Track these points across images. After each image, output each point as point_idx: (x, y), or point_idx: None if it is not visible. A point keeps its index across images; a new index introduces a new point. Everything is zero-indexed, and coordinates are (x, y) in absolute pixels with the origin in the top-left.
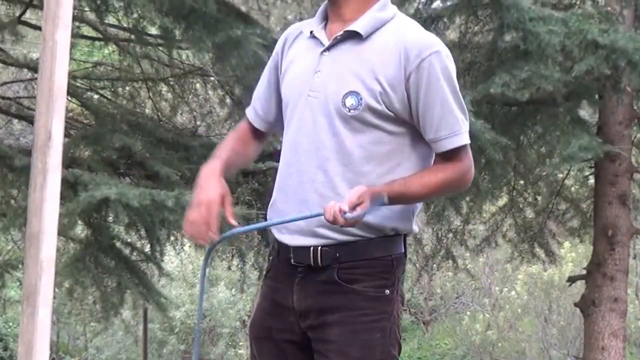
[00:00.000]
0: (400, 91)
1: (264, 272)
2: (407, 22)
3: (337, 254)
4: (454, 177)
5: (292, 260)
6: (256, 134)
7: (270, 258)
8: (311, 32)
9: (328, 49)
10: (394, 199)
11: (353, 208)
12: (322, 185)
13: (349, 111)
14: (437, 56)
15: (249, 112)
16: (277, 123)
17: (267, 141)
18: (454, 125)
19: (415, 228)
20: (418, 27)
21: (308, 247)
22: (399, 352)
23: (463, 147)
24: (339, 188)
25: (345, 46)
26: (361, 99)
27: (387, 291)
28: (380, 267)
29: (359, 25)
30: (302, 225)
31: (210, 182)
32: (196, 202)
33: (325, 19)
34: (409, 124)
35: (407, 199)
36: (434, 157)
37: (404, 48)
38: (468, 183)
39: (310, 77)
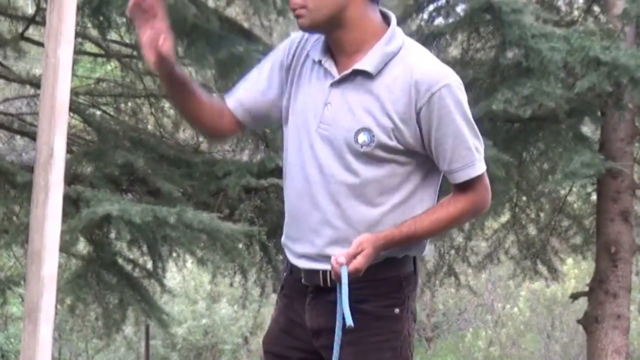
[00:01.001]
0: (412, 125)
1: (279, 287)
2: (416, 53)
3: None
4: (468, 209)
5: (302, 280)
6: (227, 118)
7: (284, 273)
8: (320, 60)
9: (338, 83)
10: (404, 240)
11: (353, 257)
12: (334, 217)
13: (361, 147)
14: (447, 89)
15: (231, 101)
16: (258, 121)
17: (232, 133)
18: (467, 156)
19: (427, 250)
20: (427, 56)
21: (317, 271)
22: None
23: (478, 177)
24: (351, 219)
25: (355, 81)
26: (373, 135)
27: (397, 310)
28: (389, 286)
29: (367, 63)
30: (311, 250)
31: None
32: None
33: (328, 49)
34: (422, 154)
35: (418, 238)
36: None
37: (414, 82)
38: (483, 211)
39: (320, 108)
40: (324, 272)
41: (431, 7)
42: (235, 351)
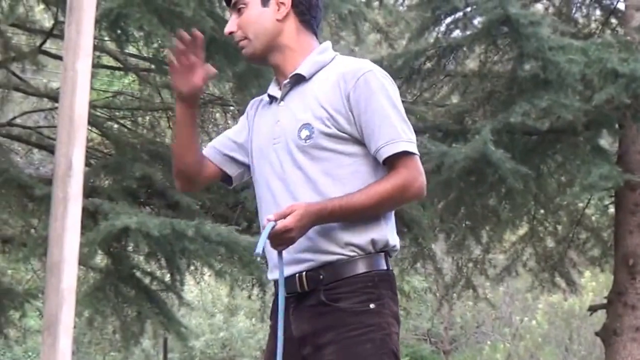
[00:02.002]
0: (345, 112)
1: (270, 315)
2: (344, 59)
3: (321, 277)
4: (397, 184)
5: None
6: (204, 167)
7: (272, 302)
8: (268, 94)
9: (282, 98)
10: (338, 210)
11: (284, 217)
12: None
13: (305, 141)
14: (371, 74)
15: (206, 149)
16: (230, 163)
17: (197, 182)
18: (392, 133)
19: (395, 241)
20: (356, 59)
21: (294, 276)
22: None
23: (405, 155)
24: None
25: (295, 91)
26: (313, 127)
27: (372, 305)
28: (363, 283)
29: (302, 69)
30: (286, 257)
31: None
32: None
33: (277, 83)
34: (364, 143)
35: (352, 210)
36: None
37: (341, 75)
38: (418, 193)
39: (272, 128)
40: (300, 275)
41: (448, 20)
42: None
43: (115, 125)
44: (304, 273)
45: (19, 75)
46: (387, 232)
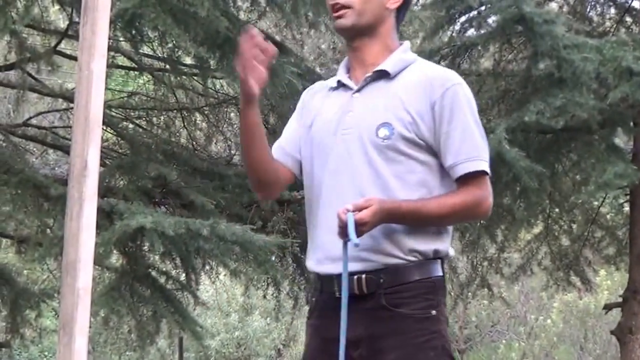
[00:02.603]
0: (428, 120)
1: (308, 314)
2: (429, 63)
3: (381, 280)
4: (471, 201)
5: (336, 294)
6: (279, 172)
7: (314, 299)
8: (338, 81)
9: (359, 90)
10: (409, 213)
11: (360, 210)
12: None
13: (383, 141)
14: (460, 87)
15: (275, 152)
16: (292, 166)
17: (280, 184)
18: (474, 151)
19: (452, 252)
20: (443, 67)
21: (352, 276)
22: None
23: (482, 175)
24: None
25: (376, 85)
26: (393, 129)
27: (434, 312)
28: (423, 289)
29: (387, 65)
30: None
31: None
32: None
33: (347, 71)
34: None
35: (423, 216)
36: None
37: (429, 80)
38: (485, 213)
39: (342, 117)
40: (358, 277)
41: (463, 19)
42: None
43: (130, 125)
44: (363, 275)
45: (34, 76)
46: (449, 243)
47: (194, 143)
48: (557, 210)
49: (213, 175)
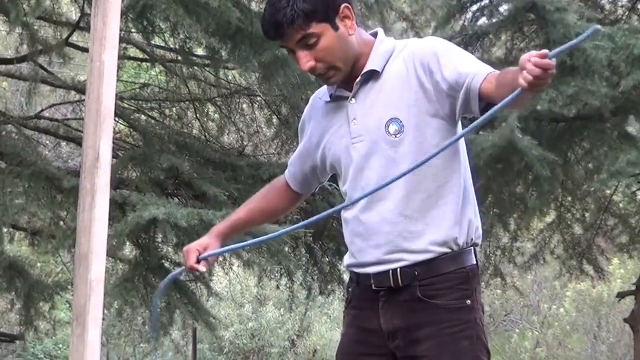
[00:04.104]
0: (430, 86)
1: (345, 304)
2: (404, 43)
3: (416, 273)
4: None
5: (373, 287)
6: (292, 190)
7: (350, 289)
8: (330, 95)
9: (354, 96)
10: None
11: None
12: (391, 213)
13: (395, 137)
14: (440, 40)
15: (287, 172)
16: (309, 185)
17: (302, 200)
18: (473, 66)
19: (479, 233)
20: (413, 39)
21: (387, 271)
22: (489, 357)
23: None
24: (407, 210)
25: (368, 87)
26: (401, 121)
27: (469, 301)
28: (458, 279)
29: (373, 64)
30: (378, 255)
31: (202, 237)
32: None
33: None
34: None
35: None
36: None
37: (411, 53)
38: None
39: (347, 129)
40: (394, 271)
41: (475, 8)
42: (282, 354)
43: (143, 117)
44: (398, 269)
45: (47, 68)
46: (478, 222)
47: (207, 134)
48: (569, 198)
49: (225, 167)
